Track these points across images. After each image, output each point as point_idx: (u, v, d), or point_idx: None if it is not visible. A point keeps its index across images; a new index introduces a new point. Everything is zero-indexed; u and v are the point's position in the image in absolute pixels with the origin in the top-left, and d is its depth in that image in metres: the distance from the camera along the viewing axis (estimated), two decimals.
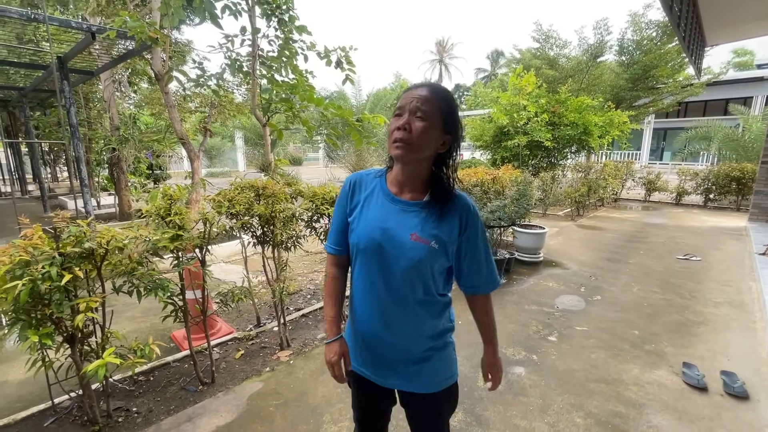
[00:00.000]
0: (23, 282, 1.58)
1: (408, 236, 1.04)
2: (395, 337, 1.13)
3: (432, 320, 1.14)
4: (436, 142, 1.02)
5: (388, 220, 1.07)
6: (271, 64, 3.95)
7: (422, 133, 0.98)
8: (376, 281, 1.10)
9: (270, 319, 3.43)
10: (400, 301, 1.09)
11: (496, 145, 9.14)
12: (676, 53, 10.70)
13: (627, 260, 5.17)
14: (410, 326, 1.12)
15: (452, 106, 1.03)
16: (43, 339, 1.71)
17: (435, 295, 1.12)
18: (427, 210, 1.06)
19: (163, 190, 2.26)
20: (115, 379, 2.44)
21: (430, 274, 1.08)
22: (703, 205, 9.60)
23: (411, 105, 0.99)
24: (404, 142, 0.99)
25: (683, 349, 2.89)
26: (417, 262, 1.04)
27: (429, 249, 1.03)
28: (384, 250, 1.06)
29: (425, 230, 1.04)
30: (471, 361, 2.71)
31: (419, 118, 0.98)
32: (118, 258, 2.00)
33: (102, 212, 8.69)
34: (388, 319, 1.12)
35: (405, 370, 1.15)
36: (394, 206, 1.08)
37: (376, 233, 1.07)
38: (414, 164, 1.05)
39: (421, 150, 1.01)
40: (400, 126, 0.99)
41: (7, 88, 8.47)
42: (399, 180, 1.09)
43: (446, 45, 44.16)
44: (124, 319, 3.44)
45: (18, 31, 6.70)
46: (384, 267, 1.08)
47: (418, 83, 1.06)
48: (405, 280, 1.07)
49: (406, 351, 1.13)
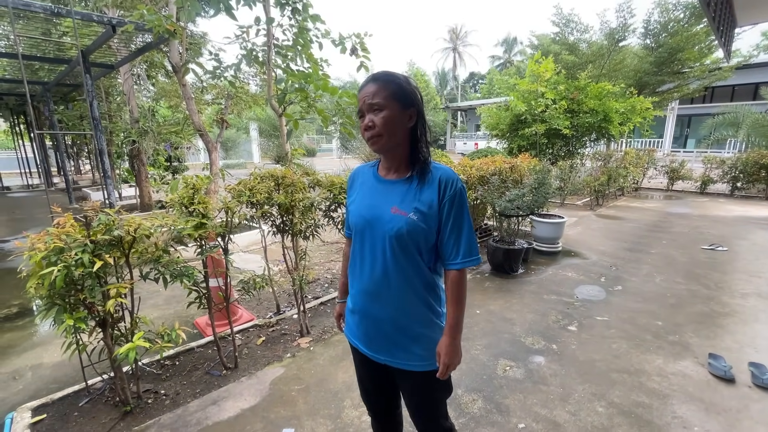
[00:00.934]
0: (58, 268, 1.65)
1: (389, 209, 1.12)
2: (383, 312, 1.18)
3: (419, 300, 1.16)
4: (402, 121, 1.10)
5: (374, 198, 1.18)
6: (287, 53, 3.94)
7: (385, 123, 1.07)
8: (366, 256, 1.18)
9: (289, 307, 3.49)
10: (387, 276, 1.14)
11: (512, 134, 8.97)
12: (704, 35, 10.24)
13: (649, 250, 5.04)
14: (396, 302, 1.16)
15: (399, 83, 1.09)
16: (78, 323, 1.78)
17: (423, 273, 1.15)
18: (408, 184, 1.13)
19: (185, 179, 2.30)
20: (144, 363, 2.53)
21: (415, 249, 1.12)
22: (729, 194, 9.26)
23: (365, 104, 1.08)
24: (375, 137, 1.09)
25: (709, 340, 2.82)
26: (397, 232, 1.09)
27: (408, 220, 1.09)
28: (371, 225, 1.15)
29: (405, 203, 1.11)
30: (490, 350, 2.71)
31: (376, 110, 1.07)
32: (145, 246, 2.05)
33: (123, 203, 8.93)
34: (376, 295, 1.17)
35: (393, 346, 1.19)
36: (380, 186, 1.19)
37: (364, 211, 1.18)
38: (393, 150, 1.13)
39: (393, 136, 1.09)
40: (364, 126, 1.10)
41: (32, 83, 8.73)
42: (386, 165, 1.20)
43: (460, 33, 43.29)
44: (149, 306, 3.55)
45: (44, 28, 6.88)
46: (371, 241, 1.15)
47: (366, 79, 1.13)
48: (390, 253, 1.12)
49: (393, 327, 1.18)
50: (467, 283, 1.19)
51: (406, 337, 1.17)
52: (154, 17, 3.30)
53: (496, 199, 4.16)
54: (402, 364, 1.19)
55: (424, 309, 1.17)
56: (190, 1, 3.29)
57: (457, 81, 44.14)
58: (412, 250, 1.11)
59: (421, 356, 1.18)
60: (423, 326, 1.18)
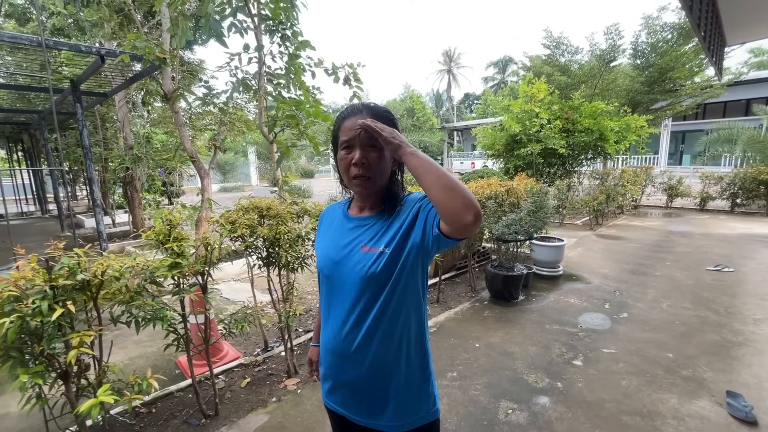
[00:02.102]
0: (11, 319, 1.50)
1: (359, 249, 1.00)
2: (357, 373, 1.02)
3: (401, 350, 1.00)
4: (389, 163, 1.00)
5: (342, 239, 1.05)
6: (279, 81, 3.91)
7: (380, 164, 0.96)
8: (334, 306, 1.05)
9: (278, 342, 3.31)
10: (360, 328, 0.99)
11: (508, 154, 8.94)
12: (694, 54, 10.38)
13: (653, 272, 4.89)
14: (373, 357, 0.99)
15: (395, 123, 0.99)
16: (34, 378, 1.61)
17: (402, 320, 0.99)
18: (380, 220, 1.02)
19: (164, 213, 2.18)
20: (115, 413, 2.34)
21: (391, 290, 0.96)
22: (729, 211, 9.17)
23: (361, 138, 0.94)
24: (364, 178, 0.96)
25: (725, 374, 2.64)
26: (368, 272, 0.95)
27: (380, 256, 0.95)
28: (339, 267, 1.02)
29: (375, 239, 0.99)
30: (491, 390, 2.52)
31: (372, 148, 0.95)
32: (117, 287, 1.91)
33: (117, 230, 8.79)
34: (346, 354, 1.02)
35: (369, 404, 1.03)
36: (349, 224, 1.07)
37: (331, 252, 1.06)
38: (379, 189, 1.03)
39: (382, 178, 0.99)
40: (356, 162, 0.95)
41: (28, 112, 8.75)
42: (359, 204, 1.09)
43: (453, 55, 44.31)
44: (130, 343, 3.37)
45: (41, 59, 6.93)
46: (340, 287, 1.02)
47: (354, 108, 1.00)
48: (362, 298, 0.97)
49: (371, 388, 1.02)
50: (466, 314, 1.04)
51: (388, 395, 1.02)
52: (145, 45, 3.26)
53: (492, 224, 4.04)
54: (385, 425, 1.03)
55: (406, 362, 1.02)
56: (182, 29, 3.26)
57: (452, 102, 44.86)
58: (388, 292, 0.96)
59: (404, 414, 1.03)
60: (407, 382, 1.02)
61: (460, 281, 4.75)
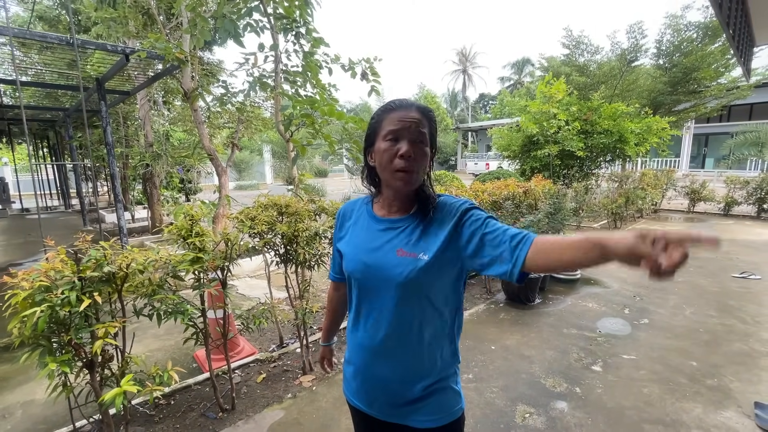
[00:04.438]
0: (42, 309, 1.54)
1: (395, 253, 0.96)
2: (390, 371, 1.02)
3: (433, 353, 1.00)
4: (427, 161, 0.98)
5: (374, 241, 1.02)
6: (295, 79, 3.94)
7: (423, 161, 0.95)
8: (368, 309, 1.03)
9: (293, 338, 3.33)
10: (396, 330, 0.98)
11: (525, 155, 8.82)
12: (720, 54, 10.07)
13: (675, 278, 4.75)
14: (406, 359, 1.00)
15: (436, 122, 1.01)
16: (62, 366, 1.66)
17: (437, 323, 1.00)
18: (413, 223, 0.99)
19: (186, 209, 2.22)
20: (136, 403, 2.39)
21: (428, 295, 0.96)
22: (756, 216, 8.85)
23: (411, 131, 0.93)
24: (408, 173, 0.93)
25: (752, 385, 2.54)
26: (406, 278, 0.93)
27: (419, 262, 0.93)
28: (373, 271, 0.99)
29: (411, 243, 0.96)
30: (507, 393, 2.49)
31: (420, 143, 0.94)
32: (140, 280, 1.96)
33: (136, 225, 9.02)
34: (381, 353, 1.02)
35: (401, 405, 1.03)
36: (378, 226, 1.03)
37: (363, 255, 1.02)
38: (415, 186, 0.99)
39: (421, 176, 0.97)
40: (404, 153, 0.92)
41: (55, 110, 9.04)
42: (389, 203, 1.04)
43: (469, 54, 43.97)
44: (149, 336, 3.44)
45: (70, 57, 7.16)
46: (376, 290, 1.00)
47: (402, 102, 0.97)
48: (398, 302, 0.96)
49: (402, 386, 1.01)
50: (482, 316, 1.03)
51: (418, 394, 1.02)
52: (164, 45, 3.33)
53: (510, 225, 3.98)
54: (413, 421, 1.03)
55: (438, 363, 1.02)
56: (200, 30, 3.32)
57: (467, 102, 44.52)
58: (425, 297, 0.96)
59: (435, 413, 1.03)
60: (437, 381, 1.02)
61: (475, 282, 4.71)
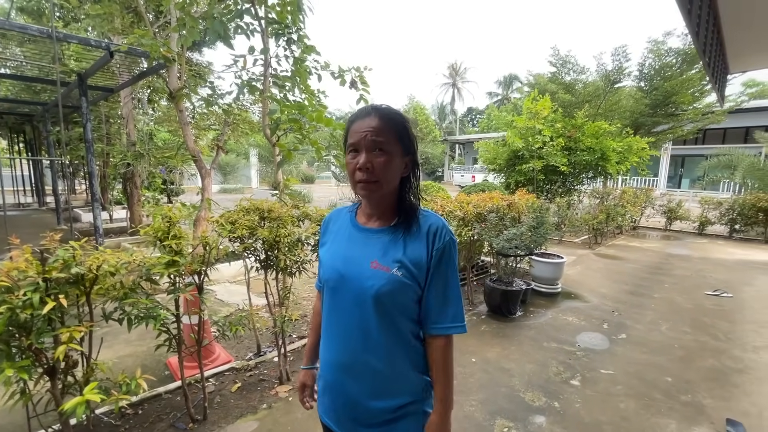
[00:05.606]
0: (1, 310, 1.46)
1: (368, 264, 0.94)
2: (359, 388, 0.98)
3: (404, 370, 0.98)
4: (400, 169, 0.95)
5: (351, 250, 1.00)
6: (284, 84, 3.91)
7: (385, 169, 0.92)
8: (339, 318, 1.00)
9: (271, 347, 3.25)
10: (364, 344, 0.95)
11: (510, 169, 8.97)
12: (698, 80, 10.52)
13: (651, 294, 4.86)
14: (376, 376, 0.96)
15: (407, 126, 0.95)
16: (20, 373, 1.57)
17: (408, 339, 0.97)
18: (391, 235, 0.97)
19: (164, 211, 2.15)
20: (100, 413, 2.27)
21: (398, 311, 0.94)
22: (728, 236, 9.18)
23: (366, 140, 0.91)
24: (368, 183, 0.92)
25: (724, 402, 2.59)
26: (377, 292, 0.91)
27: (391, 277, 0.92)
28: (345, 281, 0.97)
29: (387, 256, 0.94)
30: (486, 406, 2.47)
31: (379, 152, 0.91)
32: (111, 282, 1.87)
33: (113, 226, 8.74)
34: (350, 368, 0.98)
35: (370, 427, 0.99)
36: (359, 235, 1.01)
37: (338, 263, 1.00)
38: (386, 197, 0.98)
39: (388, 184, 0.94)
40: (360, 166, 0.91)
41: (33, 104, 8.76)
42: (368, 212, 1.03)
43: (459, 69, 44.80)
44: (120, 341, 3.30)
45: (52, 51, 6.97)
46: (345, 302, 0.97)
47: (364, 110, 0.95)
48: (368, 316, 0.93)
49: (371, 406, 0.97)
50: None
51: (389, 416, 0.98)
52: (150, 43, 3.26)
53: (493, 238, 4.01)
54: None
55: (409, 383, 0.99)
56: (188, 29, 3.27)
57: (456, 115, 45.22)
58: (394, 312, 0.94)
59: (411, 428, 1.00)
60: (409, 403, 0.99)
61: None
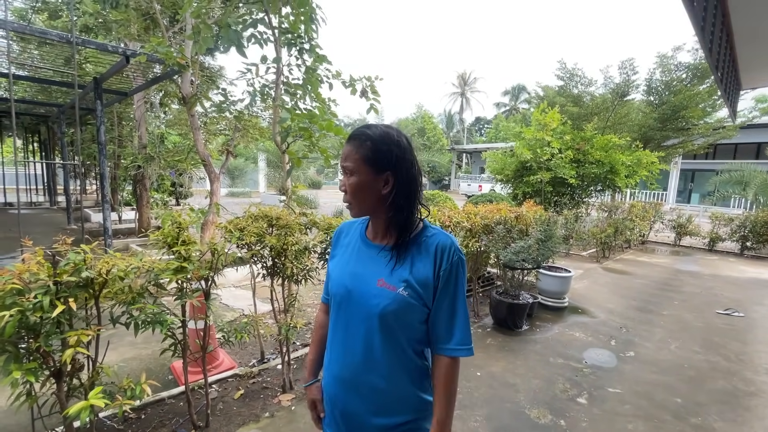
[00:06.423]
0: (11, 313, 1.47)
1: (375, 282, 0.95)
2: (361, 406, 0.98)
3: (406, 388, 0.97)
4: (374, 188, 0.95)
5: (359, 265, 1.01)
6: (295, 92, 3.96)
7: (355, 190, 0.96)
8: (344, 334, 1.01)
9: (275, 354, 3.24)
10: (368, 362, 0.95)
11: (517, 180, 8.94)
12: (707, 95, 10.44)
13: (660, 311, 4.78)
14: (378, 393, 0.96)
15: (372, 144, 0.94)
16: (27, 375, 1.58)
17: (413, 360, 0.97)
18: (398, 252, 0.97)
19: (174, 216, 2.16)
20: (104, 416, 2.27)
21: (404, 331, 0.94)
22: (739, 253, 9.02)
23: (344, 165, 0.97)
24: (347, 203, 0.99)
25: (736, 425, 2.52)
26: (382, 311, 0.92)
27: (397, 297, 0.92)
28: (352, 297, 0.98)
29: (394, 275, 0.94)
30: (491, 423, 2.43)
31: (348, 174, 0.96)
32: (119, 287, 1.88)
33: (123, 227, 8.83)
34: (353, 385, 0.98)
35: None
36: (368, 251, 1.02)
37: (346, 278, 1.01)
38: (371, 215, 1.01)
39: (363, 203, 0.97)
40: (340, 188, 1.00)
41: (49, 105, 8.94)
42: (374, 228, 1.05)
43: (468, 79, 44.99)
44: (126, 343, 3.31)
45: (67, 55, 7.14)
46: (351, 318, 0.98)
47: (352, 133, 1.00)
48: (373, 334, 0.94)
49: (373, 423, 0.97)
50: None
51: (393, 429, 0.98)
52: (165, 50, 3.33)
53: (500, 250, 3.98)
54: None
55: (411, 401, 0.98)
56: (202, 36, 3.33)
57: (464, 124, 45.30)
58: (398, 331, 0.94)
59: None
60: (411, 420, 0.99)
61: None
